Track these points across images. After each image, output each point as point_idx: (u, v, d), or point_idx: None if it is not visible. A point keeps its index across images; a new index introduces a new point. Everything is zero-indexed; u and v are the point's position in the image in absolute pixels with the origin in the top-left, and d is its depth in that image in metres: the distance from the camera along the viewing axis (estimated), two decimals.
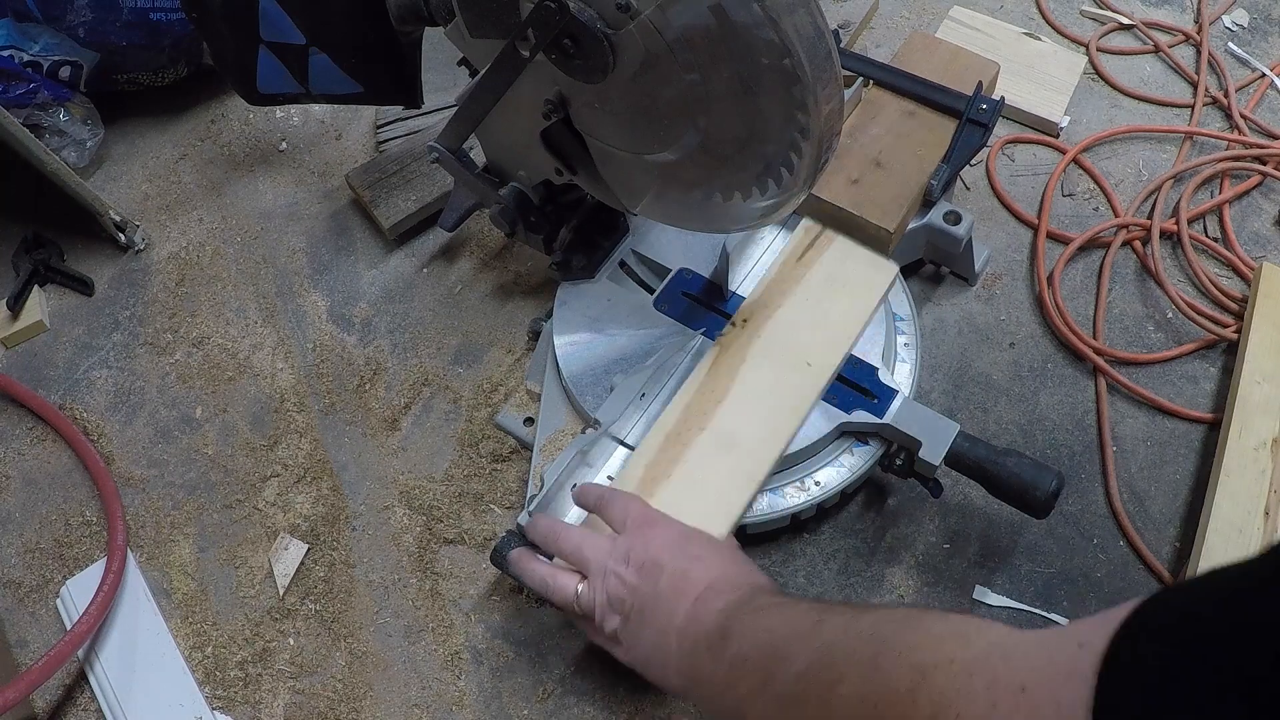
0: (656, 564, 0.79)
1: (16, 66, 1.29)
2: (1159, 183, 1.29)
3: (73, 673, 1.03)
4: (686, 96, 0.81)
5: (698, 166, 0.88)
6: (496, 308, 1.25)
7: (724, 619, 0.72)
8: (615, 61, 0.80)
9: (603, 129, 0.91)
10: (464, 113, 0.97)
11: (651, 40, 0.78)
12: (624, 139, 0.90)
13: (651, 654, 0.77)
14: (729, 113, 0.82)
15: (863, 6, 1.49)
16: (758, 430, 0.96)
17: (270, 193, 1.39)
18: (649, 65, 0.80)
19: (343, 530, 1.10)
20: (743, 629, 0.69)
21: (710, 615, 0.73)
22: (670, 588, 0.77)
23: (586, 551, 0.84)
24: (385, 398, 1.19)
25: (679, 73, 0.79)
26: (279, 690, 1.02)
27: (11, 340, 1.27)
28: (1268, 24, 1.49)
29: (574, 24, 0.78)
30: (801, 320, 1.02)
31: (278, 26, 1.01)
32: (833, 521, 1.07)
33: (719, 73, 0.78)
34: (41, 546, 1.12)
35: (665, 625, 0.76)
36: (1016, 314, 1.22)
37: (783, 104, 0.78)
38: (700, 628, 0.73)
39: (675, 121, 0.85)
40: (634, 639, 0.79)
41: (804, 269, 1.07)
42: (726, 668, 0.69)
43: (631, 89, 0.83)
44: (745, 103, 0.80)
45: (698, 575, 0.77)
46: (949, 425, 0.96)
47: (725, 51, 0.76)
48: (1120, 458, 1.10)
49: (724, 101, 0.81)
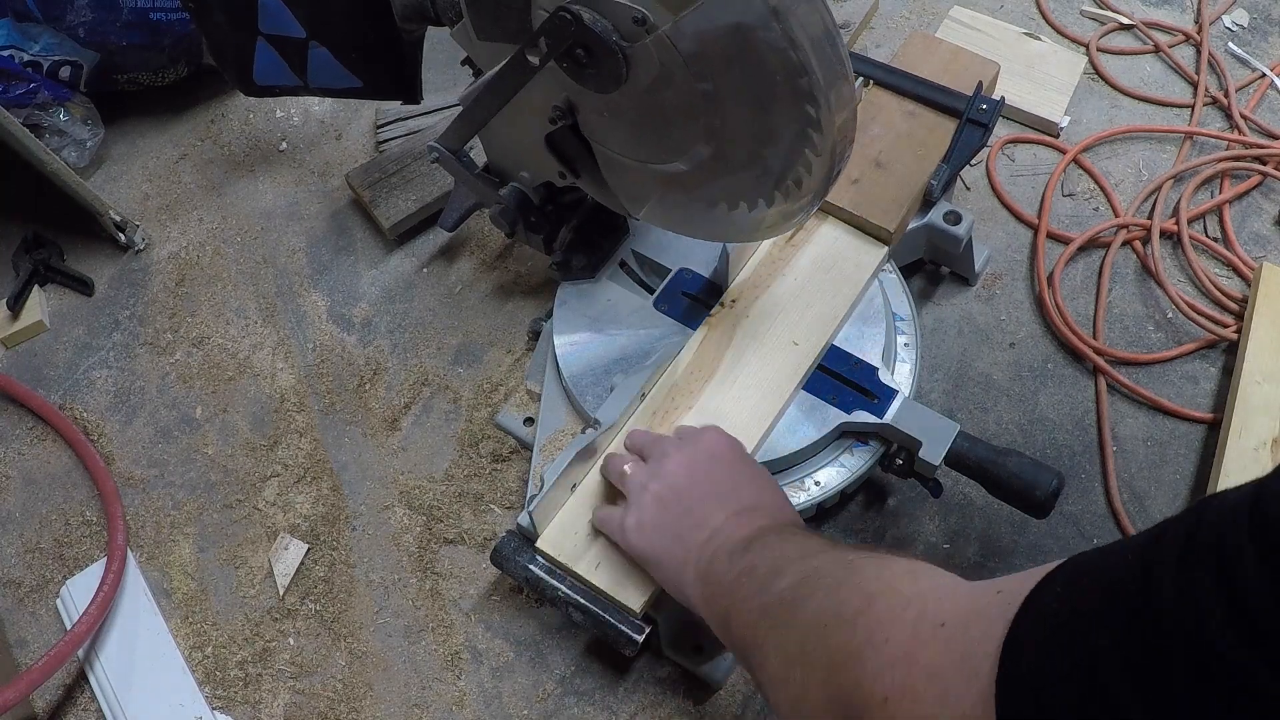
0: (716, 460, 0.85)
1: (16, 66, 1.29)
2: (1159, 183, 1.29)
3: (73, 673, 1.03)
4: (697, 108, 0.81)
5: (705, 176, 0.88)
6: (496, 308, 1.25)
7: (753, 533, 0.76)
8: (628, 73, 0.80)
9: (611, 137, 0.90)
10: (468, 115, 0.97)
11: (666, 53, 0.77)
12: (632, 148, 0.89)
13: (674, 545, 0.81)
14: (740, 125, 0.81)
15: (863, 6, 1.49)
16: (743, 410, 0.97)
17: (270, 193, 1.39)
18: (662, 78, 0.79)
19: (343, 530, 1.10)
20: (763, 545, 0.74)
21: (744, 528, 0.78)
22: (720, 490, 0.82)
23: (649, 440, 0.90)
24: (385, 398, 1.19)
25: (691, 85, 0.79)
26: (279, 690, 1.02)
27: (11, 340, 1.27)
28: (1268, 24, 1.49)
29: (588, 35, 0.77)
30: (789, 301, 1.03)
31: (277, 19, 1.00)
32: (833, 521, 1.07)
33: (732, 86, 0.78)
34: (41, 546, 1.12)
35: (702, 521, 0.80)
36: (1016, 314, 1.22)
37: (795, 118, 0.78)
38: (733, 535, 0.78)
39: (685, 132, 0.84)
40: (663, 526, 0.82)
41: (793, 250, 1.08)
42: (735, 574, 0.73)
43: (642, 99, 0.82)
44: (757, 116, 0.80)
45: (748, 491, 0.82)
46: (949, 425, 0.96)
47: (739, 66, 0.76)
48: (1120, 458, 1.10)
49: (736, 114, 0.80)
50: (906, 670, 0.50)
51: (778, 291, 1.04)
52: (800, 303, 1.03)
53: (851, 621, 0.57)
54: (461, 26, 0.90)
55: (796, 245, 1.08)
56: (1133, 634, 0.39)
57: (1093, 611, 0.42)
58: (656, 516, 0.83)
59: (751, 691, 0.98)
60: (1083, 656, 0.41)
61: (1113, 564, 0.43)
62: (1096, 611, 0.42)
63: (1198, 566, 0.38)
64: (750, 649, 0.68)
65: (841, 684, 0.55)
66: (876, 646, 0.53)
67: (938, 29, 1.46)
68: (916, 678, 0.50)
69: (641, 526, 0.83)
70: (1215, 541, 0.38)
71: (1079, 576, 0.45)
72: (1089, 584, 0.44)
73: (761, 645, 0.66)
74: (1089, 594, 0.43)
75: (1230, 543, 0.37)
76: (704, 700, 0.98)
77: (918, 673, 0.50)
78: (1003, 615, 0.46)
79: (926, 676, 0.49)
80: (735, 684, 0.99)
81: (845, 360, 1.02)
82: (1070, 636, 0.42)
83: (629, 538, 0.84)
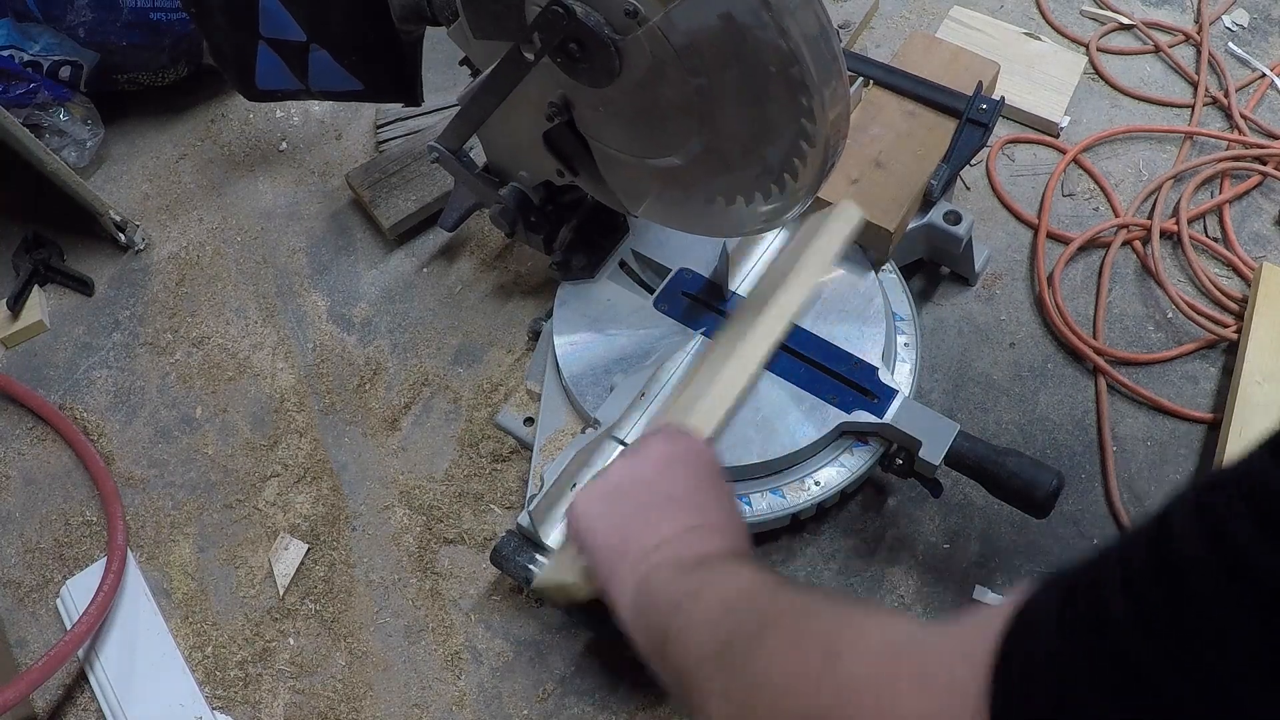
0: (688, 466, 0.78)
1: (16, 66, 1.29)
2: (1159, 183, 1.29)
3: (73, 673, 1.03)
4: (692, 102, 0.81)
5: (702, 171, 0.88)
6: (496, 308, 1.25)
7: (706, 555, 0.71)
8: (621, 67, 0.80)
9: (606, 132, 0.91)
10: (466, 114, 0.97)
11: (658, 46, 0.77)
12: (628, 143, 0.90)
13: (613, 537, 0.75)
14: (734, 118, 0.81)
15: (863, 6, 1.49)
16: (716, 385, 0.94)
17: (270, 193, 1.39)
18: (655, 71, 0.80)
19: (343, 530, 1.10)
20: (714, 571, 0.69)
21: (697, 547, 0.71)
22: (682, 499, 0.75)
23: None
24: (385, 398, 1.19)
25: (685, 78, 0.79)
26: (279, 690, 1.02)
27: (11, 340, 1.27)
28: (1268, 24, 1.49)
29: (580, 29, 0.78)
30: (770, 279, 0.98)
31: (278, 23, 1.00)
32: (833, 521, 1.07)
33: (725, 79, 0.78)
34: (41, 546, 1.12)
35: (654, 525, 0.73)
36: (1016, 314, 1.22)
37: (789, 110, 0.78)
38: (683, 551, 0.71)
39: (680, 126, 0.84)
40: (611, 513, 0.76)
41: None
42: (679, 594, 0.67)
43: (637, 94, 0.83)
44: (751, 109, 0.80)
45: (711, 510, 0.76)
46: (949, 425, 0.96)
47: (732, 58, 0.76)
48: (1120, 458, 1.10)
49: (730, 107, 0.81)
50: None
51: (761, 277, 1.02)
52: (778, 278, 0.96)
53: (815, 683, 0.53)
54: (458, 25, 0.90)
55: None
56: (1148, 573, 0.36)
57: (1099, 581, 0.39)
58: (608, 502, 0.77)
59: None
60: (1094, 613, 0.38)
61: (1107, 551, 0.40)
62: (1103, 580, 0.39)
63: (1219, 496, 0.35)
64: (689, 687, 0.63)
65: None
66: (844, 707, 0.50)
67: (938, 29, 1.46)
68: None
69: (588, 504, 0.77)
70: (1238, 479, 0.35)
71: (1065, 575, 0.42)
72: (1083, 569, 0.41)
73: (702, 687, 0.62)
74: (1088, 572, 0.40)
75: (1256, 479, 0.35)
76: None
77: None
78: (983, 633, 0.43)
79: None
80: None
81: (845, 360, 1.02)
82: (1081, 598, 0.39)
83: (575, 509, 0.78)
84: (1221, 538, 0.34)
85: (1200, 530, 0.35)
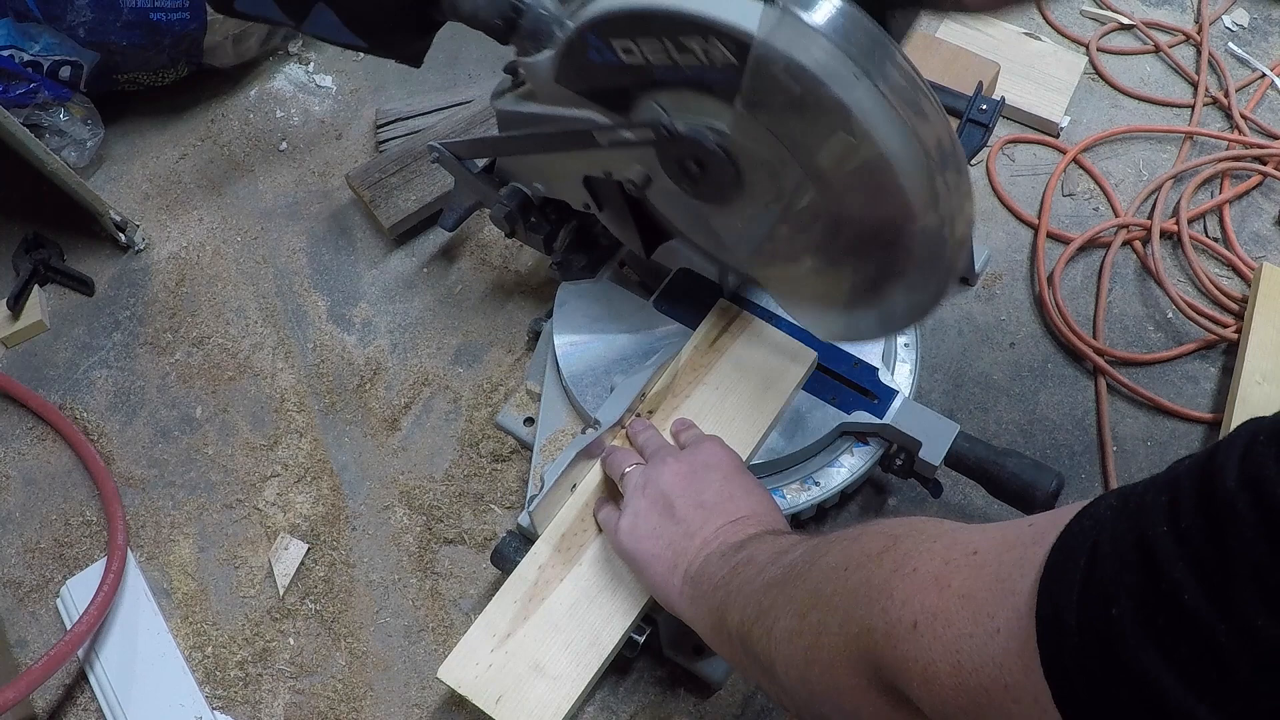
0: (711, 469, 0.84)
1: (16, 66, 1.29)
2: (1159, 183, 1.29)
3: (73, 673, 1.03)
4: (805, 223, 0.76)
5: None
6: (496, 308, 1.25)
7: (746, 538, 0.77)
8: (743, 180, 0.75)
9: (678, 217, 0.86)
10: (497, 144, 0.89)
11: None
12: (705, 237, 0.85)
13: (664, 551, 0.81)
14: (853, 267, 0.77)
15: None
16: None
17: (270, 193, 1.39)
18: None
19: (343, 530, 1.10)
20: (759, 542, 0.75)
21: (736, 535, 0.78)
22: (714, 501, 0.82)
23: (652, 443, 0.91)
24: (385, 398, 1.19)
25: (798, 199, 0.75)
26: (279, 690, 1.02)
27: (11, 340, 1.27)
28: (1268, 24, 1.49)
29: (698, 149, 0.72)
30: (706, 415, 0.96)
31: None
32: (833, 521, 1.07)
33: (849, 212, 0.74)
34: (41, 546, 1.12)
35: (694, 530, 0.80)
36: (1016, 314, 1.22)
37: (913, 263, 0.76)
38: (725, 540, 0.78)
39: (784, 241, 0.79)
40: (653, 532, 0.82)
41: (716, 355, 1.00)
42: (729, 569, 0.73)
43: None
44: (865, 244, 0.76)
45: (742, 503, 0.82)
46: (949, 425, 0.96)
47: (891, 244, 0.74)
48: (1120, 458, 1.10)
49: (845, 236, 0.77)
50: (938, 595, 0.50)
51: (694, 403, 0.97)
52: (716, 418, 0.96)
53: (876, 558, 0.56)
54: (538, 59, 0.81)
55: (720, 350, 1.00)
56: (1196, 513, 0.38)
57: (1150, 506, 0.41)
58: (648, 522, 0.83)
59: (751, 691, 0.98)
60: (1136, 540, 0.40)
61: (1166, 473, 0.42)
62: (1154, 505, 0.41)
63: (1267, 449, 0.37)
64: (752, 628, 0.67)
65: (863, 619, 0.54)
66: (904, 576, 0.52)
67: (938, 29, 1.46)
68: (949, 601, 0.49)
69: (634, 530, 0.83)
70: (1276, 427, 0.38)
71: (1127, 492, 0.44)
72: (1144, 488, 0.43)
73: (767, 612, 0.65)
74: (1145, 493, 0.42)
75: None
76: (704, 700, 0.98)
77: (950, 596, 0.49)
78: (1038, 540, 0.45)
79: (959, 599, 0.48)
80: (735, 684, 0.99)
81: (845, 360, 1.02)
82: (1127, 524, 0.41)
83: (620, 539, 0.84)
84: (1259, 482, 0.37)
85: (1240, 472, 0.38)
